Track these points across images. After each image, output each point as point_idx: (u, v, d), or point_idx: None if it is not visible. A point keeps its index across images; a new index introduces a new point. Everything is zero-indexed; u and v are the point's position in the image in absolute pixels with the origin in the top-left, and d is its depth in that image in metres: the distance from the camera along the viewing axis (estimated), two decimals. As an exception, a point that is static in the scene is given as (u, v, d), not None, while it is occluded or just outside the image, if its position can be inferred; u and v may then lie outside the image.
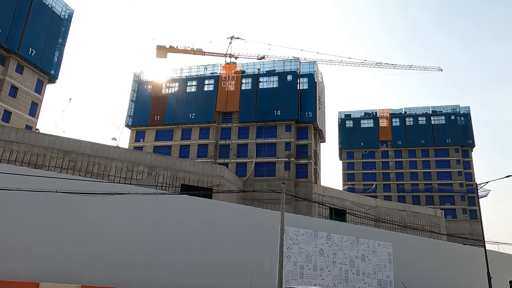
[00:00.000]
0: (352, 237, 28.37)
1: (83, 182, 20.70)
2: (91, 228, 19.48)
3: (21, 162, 36.51)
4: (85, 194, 17.97)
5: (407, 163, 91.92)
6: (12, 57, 42.34)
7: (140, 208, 20.89)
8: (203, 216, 22.53)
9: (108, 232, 19.83)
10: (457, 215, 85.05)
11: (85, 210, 19.50)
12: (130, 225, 20.41)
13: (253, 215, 25.11)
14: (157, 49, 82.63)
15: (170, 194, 25.58)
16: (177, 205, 22.64)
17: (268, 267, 23.68)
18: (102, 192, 18.42)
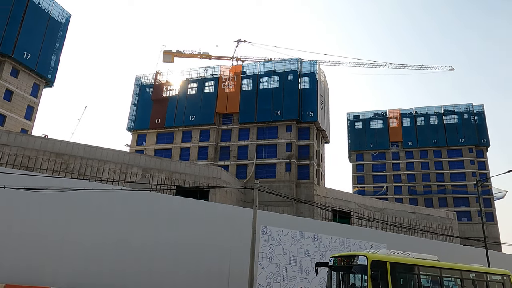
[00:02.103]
0: (342, 238, 26.84)
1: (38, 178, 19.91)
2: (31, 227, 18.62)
3: (12, 165, 36.33)
4: (37, 190, 17.20)
5: (419, 164, 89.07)
6: (6, 61, 42.55)
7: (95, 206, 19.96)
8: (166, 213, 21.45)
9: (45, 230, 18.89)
10: (472, 218, 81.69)
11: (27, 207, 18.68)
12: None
13: (233, 214, 23.92)
14: (164, 54, 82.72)
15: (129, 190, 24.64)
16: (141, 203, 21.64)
17: (247, 269, 22.40)
18: (55, 188, 17.62)
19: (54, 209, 19.11)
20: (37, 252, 18.28)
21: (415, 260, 16.55)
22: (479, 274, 18.11)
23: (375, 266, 14.74)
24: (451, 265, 18.10)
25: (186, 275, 20.74)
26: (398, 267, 15.77)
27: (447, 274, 17.22)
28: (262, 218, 24.95)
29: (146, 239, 20.67)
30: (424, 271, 16.55)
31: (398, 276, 15.79)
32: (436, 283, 16.77)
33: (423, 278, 16.52)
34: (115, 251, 19.81)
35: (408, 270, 16.33)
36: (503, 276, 18.77)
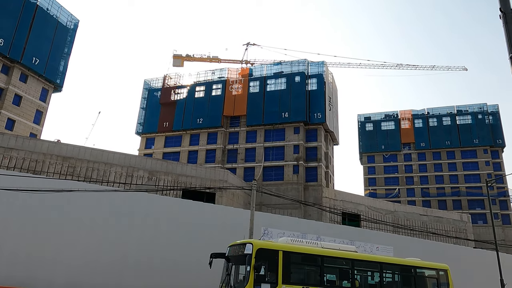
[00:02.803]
0: (346, 240, 26.18)
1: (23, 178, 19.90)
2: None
3: (20, 169, 36.76)
4: (32, 191, 17.20)
5: (432, 166, 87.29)
6: (15, 66, 43.25)
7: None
8: (164, 214, 21.22)
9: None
10: (488, 220, 79.53)
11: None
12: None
13: (234, 216, 23.59)
14: (174, 58, 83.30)
15: (122, 191, 24.52)
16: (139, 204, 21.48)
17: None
18: (47, 190, 17.59)
19: (48, 210, 19.10)
20: (32, 254, 18.25)
21: (318, 250, 14.35)
22: (406, 267, 16.27)
23: (262, 256, 12.79)
24: (367, 256, 16.53)
25: (184, 276, 20.46)
26: (294, 257, 13.81)
27: (361, 267, 15.32)
28: (263, 220, 24.59)
29: (144, 240, 20.49)
30: (330, 263, 14.56)
31: (294, 267, 13.93)
32: (345, 276, 14.85)
33: (328, 270, 14.65)
34: (112, 252, 19.67)
35: (308, 261, 14.37)
36: (439, 270, 16.95)
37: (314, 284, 13.67)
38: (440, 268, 17.00)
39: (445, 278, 16.68)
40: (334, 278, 14.85)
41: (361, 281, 15.15)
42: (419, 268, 16.41)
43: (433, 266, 17.02)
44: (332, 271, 14.85)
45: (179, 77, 66.06)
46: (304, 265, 14.37)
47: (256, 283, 12.42)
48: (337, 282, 14.66)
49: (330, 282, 14.55)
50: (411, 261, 16.63)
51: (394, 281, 15.93)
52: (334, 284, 14.52)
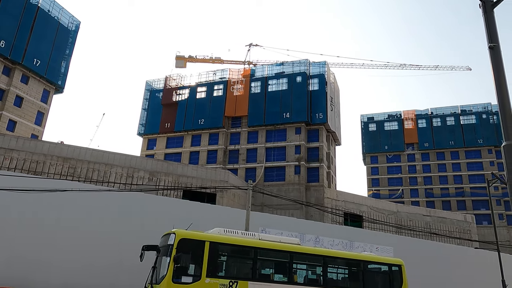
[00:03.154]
0: (345, 241, 25.99)
1: (29, 179, 19.89)
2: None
3: (21, 170, 36.86)
4: (27, 191, 17.16)
5: (436, 166, 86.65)
6: (17, 68, 43.42)
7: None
8: (160, 214, 21.07)
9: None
10: (492, 221, 78.74)
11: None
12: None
13: (229, 216, 23.43)
14: (176, 59, 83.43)
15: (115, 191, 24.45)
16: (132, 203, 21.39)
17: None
18: (42, 189, 17.56)
19: (43, 210, 19.06)
20: (28, 255, 18.21)
21: (251, 241, 13.39)
22: (353, 262, 15.18)
23: (185, 247, 12.03)
24: (308, 249, 15.27)
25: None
26: (223, 249, 13.02)
27: (300, 260, 14.32)
28: (260, 220, 24.44)
29: (141, 241, 20.37)
30: (264, 255, 13.69)
31: (223, 260, 13.17)
32: (282, 270, 13.92)
33: (263, 263, 13.85)
34: (108, 253, 19.59)
35: (239, 253, 13.47)
36: (392, 266, 15.73)
37: (245, 278, 12.77)
38: (393, 263, 15.90)
39: (398, 274, 15.52)
40: (269, 271, 14.07)
41: (300, 275, 14.29)
42: (368, 262, 15.49)
43: (386, 261, 16.08)
44: (267, 264, 14.10)
45: (181, 78, 66.13)
46: (234, 258, 13.60)
47: (176, 276, 11.64)
48: (272, 276, 13.74)
49: (264, 276, 13.69)
50: (360, 255, 15.87)
51: (339, 276, 15.03)
52: (269, 278, 13.60)
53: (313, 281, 14.28)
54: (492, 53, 4.77)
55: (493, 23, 4.96)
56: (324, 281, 14.05)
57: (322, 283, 13.98)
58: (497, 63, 4.68)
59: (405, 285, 15.29)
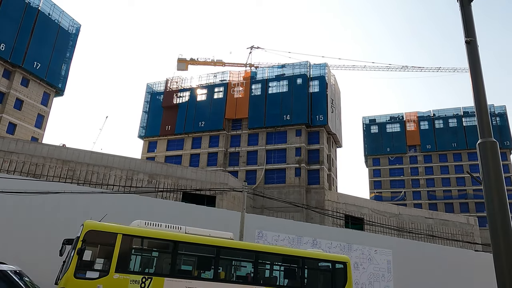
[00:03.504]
0: (343, 243, 25.73)
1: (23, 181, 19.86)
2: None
3: (20, 172, 36.91)
4: (20, 193, 17.11)
5: (438, 168, 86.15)
6: (17, 71, 43.60)
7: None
8: (155, 216, 20.92)
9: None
10: (496, 223, 78.13)
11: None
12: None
13: (225, 218, 23.28)
14: (178, 62, 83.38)
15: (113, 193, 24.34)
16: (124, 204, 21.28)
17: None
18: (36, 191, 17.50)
19: (36, 212, 19.00)
20: (22, 257, 18.13)
21: (171, 234, 12.42)
22: (290, 258, 14.16)
23: (94, 239, 11.11)
24: (238, 244, 13.93)
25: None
26: (139, 242, 12.08)
27: (228, 256, 13.29)
28: (257, 222, 24.26)
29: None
30: (186, 250, 12.72)
31: (138, 254, 12.22)
32: (206, 266, 12.94)
33: (184, 258, 12.94)
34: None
35: (157, 248, 12.57)
36: (335, 263, 14.54)
37: (161, 274, 11.90)
38: (338, 260, 14.78)
39: (342, 272, 14.40)
40: (190, 267, 13.07)
41: (227, 271, 13.27)
42: (308, 259, 14.34)
43: (329, 258, 14.86)
44: (189, 259, 13.11)
45: (181, 80, 66.19)
46: (151, 252, 12.65)
47: (79, 271, 10.74)
48: (194, 272, 12.74)
49: (185, 272, 12.74)
50: (298, 251, 14.95)
51: (273, 273, 14.00)
52: (190, 275, 12.59)
53: (242, 279, 13.28)
54: (468, 48, 4.63)
55: (470, 17, 4.83)
56: (255, 279, 13.04)
57: (253, 280, 12.95)
58: (474, 58, 4.54)
59: (349, 283, 14.25)
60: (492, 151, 4.42)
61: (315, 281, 14.45)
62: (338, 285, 14.15)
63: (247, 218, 23.52)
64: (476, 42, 4.59)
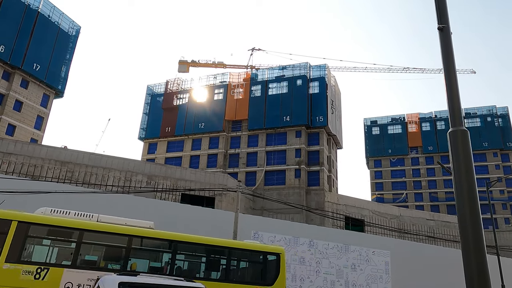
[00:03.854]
0: (341, 244, 25.49)
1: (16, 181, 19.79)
2: None
3: (19, 173, 36.93)
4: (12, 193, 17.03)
5: (440, 170, 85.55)
6: (16, 73, 43.71)
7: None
8: (149, 216, 20.80)
9: None
10: (498, 225, 77.52)
11: None
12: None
13: (221, 219, 23.13)
14: (179, 64, 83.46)
15: (109, 193, 24.25)
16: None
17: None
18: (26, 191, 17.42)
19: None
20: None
21: (76, 222, 11.51)
22: (214, 249, 13.20)
23: None
24: (154, 233, 12.57)
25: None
26: (37, 230, 11.20)
27: (142, 246, 12.37)
28: (253, 223, 24.11)
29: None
30: (93, 239, 11.72)
31: (35, 242, 11.41)
32: (114, 257, 12.06)
33: (89, 248, 12.01)
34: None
35: (59, 236, 11.63)
36: (267, 254, 13.58)
37: (61, 264, 11.01)
38: (270, 251, 13.82)
39: (275, 263, 13.53)
40: (96, 258, 12.07)
41: (140, 263, 12.42)
42: (235, 250, 13.46)
43: (260, 249, 13.89)
44: (96, 249, 12.09)
45: (181, 82, 66.21)
46: (52, 241, 11.68)
47: None
48: (101, 263, 11.81)
49: (88, 263, 11.74)
50: (224, 241, 13.76)
51: (194, 265, 13.16)
52: (94, 265, 11.65)
53: (157, 270, 12.39)
54: (441, 35, 4.48)
55: (443, 3, 4.68)
56: (173, 270, 12.20)
57: (170, 272, 12.10)
58: (447, 45, 4.40)
59: (282, 276, 13.39)
60: (463, 140, 4.27)
61: (242, 273, 13.52)
62: (269, 278, 13.30)
63: (243, 219, 23.37)
64: (449, 29, 4.45)
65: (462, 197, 4.07)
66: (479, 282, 3.71)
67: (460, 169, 4.17)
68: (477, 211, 4.00)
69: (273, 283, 13.16)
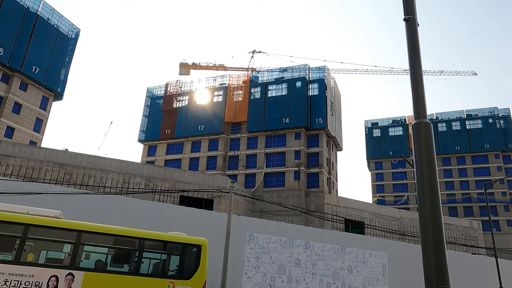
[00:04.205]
0: (337, 246, 25.30)
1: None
2: None
3: (17, 176, 36.95)
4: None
5: (441, 172, 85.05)
6: (15, 75, 43.84)
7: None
8: (140, 217, 20.73)
9: None
10: (500, 227, 76.96)
11: None
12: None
13: (216, 221, 23.00)
14: (180, 66, 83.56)
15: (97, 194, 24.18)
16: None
17: (231, 280, 21.35)
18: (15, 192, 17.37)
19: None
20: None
21: None
22: (124, 240, 12.28)
23: None
24: (56, 222, 11.62)
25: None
26: None
27: (41, 236, 11.53)
28: (248, 225, 23.98)
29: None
30: None
31: None
32: (5, 246, 11.15)
33: None
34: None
35: None
36: (186, 246, 12.78)
37: None
38: (189, 242, 12.89)
39: (195, 255, 12.69)
40: None
41: (37, 253, 11.47)
42: (149, 240, 12.55)
43: (178, 240, 12.88)
44: None
45: (181, 84, 66.28)
46: None
47: None
48: None
49: None
50: (137, 231, 12.62)
51: (100, 256, 12.22)
52: None
53: (56, 262, 11.52)
54: (407, 26, 4.38)
55: (411, -5, 4.55)
56: (74, 262, 11.34)
57: (71, 264, 11.27)
58: (412, 36, 4.30)
59: (201, 269, 12.57)
60: (426, 132, 4.16)
61: (156, 266, 12.58)
62: (186, 271, 12.50)
63: (238, 220, 23.26)
64: (415, 20, 4.35)
65: (423, 189, 3.95)
66: (437, 275, 3.57)
67: (422, 161, 4.06)
68: (438, 204, 3.89)
69: (191, 277, 12.35)
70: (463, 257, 29.85)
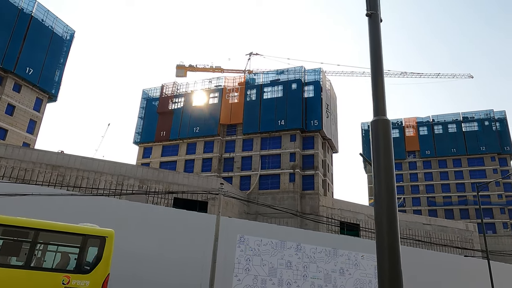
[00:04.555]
0: (329, 248, 25.12)
1: None
2: None
3: (9, 177, 36.72)
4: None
5: (438, 174, 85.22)
6: (9, 77, 43.63)
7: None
8: (129, 219, 20.54)
9: None
10: (497, 230, 76.97)
11: None
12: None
13: (207, 223, 22.82)
14: (177, 68, 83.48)
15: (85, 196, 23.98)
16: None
17: (221, 282, 21.16)
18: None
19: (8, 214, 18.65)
20: None
21: None
22: (14, 230, 11.17)
23: None
24: None
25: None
26: None
27: None
28: (239, 227, 23.78)
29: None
30: None
31: None
32: None
33: None
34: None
35: None
36: (88, 238, 11.61)
37: None
38: (92, 234, 11.79)
39: (97, 249, 11.74)
40: None
41: None
42: (44, 231, 11.52)
43: (77, 231, 11.68)
44: None
45: (177, 86, 66.17)
46: None
47: None
48: None
49: None
50: (30, 221, 11.50)
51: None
52: None
53: None
54: (370, 21, 4.29)
55: (374, -9, 4.46)
56: None
57: None
58: (375, 32, 4.20)
59: (104, 263, 11.54)
60: (384, 129, 4.05)
61: (50, 259, 11.65)
62: (86, 265, 11.53)
63: (228, 222, 23.09)
64: (378, 16, 4.25)
65: (379, 187, 3.85)
66: (390, 277, 3.46)
67: (379, 159, 3.96)
68: (394, 203, 3.79)
69: (91, 271, 11.33)
70: (455, 260, 29.76)
